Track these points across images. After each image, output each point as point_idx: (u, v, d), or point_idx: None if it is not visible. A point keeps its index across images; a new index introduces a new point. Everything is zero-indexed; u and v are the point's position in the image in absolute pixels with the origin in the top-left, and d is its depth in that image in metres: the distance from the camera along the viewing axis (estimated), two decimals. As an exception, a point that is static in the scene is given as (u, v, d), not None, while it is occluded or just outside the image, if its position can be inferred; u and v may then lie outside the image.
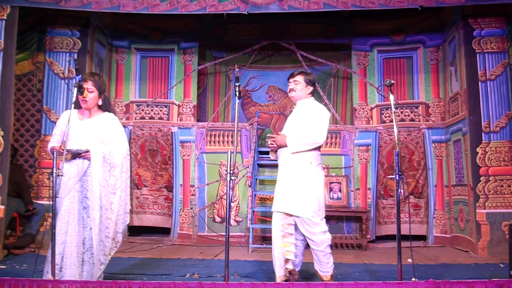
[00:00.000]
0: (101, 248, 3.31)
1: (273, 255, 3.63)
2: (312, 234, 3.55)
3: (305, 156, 3.63)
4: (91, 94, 3.44)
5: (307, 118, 3.69)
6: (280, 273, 3.58)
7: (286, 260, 3.58)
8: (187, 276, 4.07)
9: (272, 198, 3.85)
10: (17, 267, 4.41)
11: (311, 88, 3.82)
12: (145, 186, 6.80)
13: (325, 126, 3.70)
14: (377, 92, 6.60)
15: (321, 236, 3.57)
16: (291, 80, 3.83)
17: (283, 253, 3.57)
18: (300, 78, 3.80)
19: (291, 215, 3.58)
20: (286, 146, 3.62)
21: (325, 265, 3.60)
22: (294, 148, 3.61)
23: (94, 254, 3.27)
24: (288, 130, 3.73)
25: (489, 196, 5.35)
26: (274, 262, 3.62)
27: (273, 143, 3.71)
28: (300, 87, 3.78)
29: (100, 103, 3.52)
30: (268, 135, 3.86)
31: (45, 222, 5.55)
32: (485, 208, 5.33)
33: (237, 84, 3.36)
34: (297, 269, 3.69)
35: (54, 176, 3.05)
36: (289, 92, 3.85)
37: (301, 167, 3.61)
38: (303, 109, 3.77)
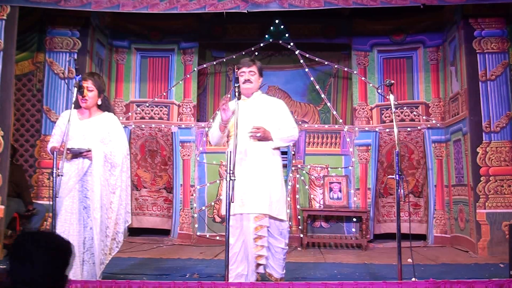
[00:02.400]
0: (101, 248, 3.31)
1: (241, 259, 3.37)
2: (281, 235, 3.45)
3: (278, 154, 3.54)
4: (91, 93, 3.45)
5: (274, 113, 3.50)
6: (252, 279, 3.35)
7: (258, 265, 3.38)
8: (187, 276, 4.06)
9: None
10: (17, 267, 4.41)
11: (261, 79, 3.61)
12: (144, 188, 6.79)
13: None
14: (377, 92, 6.59)
15: (287, 235, 3.52)
16: (245, 70, 3.49)
17: (255, 257, 3.35)
18: (255, 69, 3.52)
19: (266, 216, 3.36)
20: (268, 140, 3.42)
21: (281, 267, 3.48)
22: (276, 144, 3.46)
23: (96, 254, 3.26)
24: (250, 124, 3.41)
25: (489, 196, 5.35)
26: (243, 268, 3.38)
27: (257, 132, 3.38)
28: (255, 78, 3.53)
29: (99, 102, 3.52)
30: (253, 126, 3.41)
31: (45, 222, 5.55)
32: (485, 208, 5.33)
33: (236, 85, 3.26)
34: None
35: (54, 176, 3.05)
36: (244, 83, 3.47)
37: (276, 165, 3.49)
38: (260, 103, 3.56)
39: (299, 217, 6.30)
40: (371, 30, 6.75)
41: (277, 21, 6.69)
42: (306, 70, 6.85)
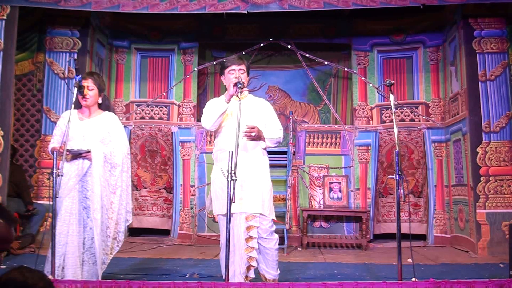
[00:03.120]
0: (102, 248, 3.31)
1: (231, 262, 3.17)
2: (271, 234, 3.40)
3: (266, 154, 3.52)
4: (92, 91, 3.45)
5: (262, 114, 3.47)
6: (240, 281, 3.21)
7: (249, 267, 3.28)
8: (187, 276, 4.06)
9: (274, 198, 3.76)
10: (17, 267, 4.40)
11: (247, 78, 3.53)
12: (144, 188, 6.79)
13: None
14: (377, 92, 6.59)
15: (275, 234, 3.45)
16: (235, 67, 3.38)
17: (247, 259, 3.28)
18: (244, 67, 3.42)
19: (257, 216, 3.31)
20: (261, 139, 3.36)
21: (275, 267, 3.41)
22: (266, 144, 3.43)
23: (97, 254, 3.26)
24: (243, 123, 3.26)
25: (489, 196, 5.35)
26: (231, 270, 3.20)
27: (251, 131, 3.27)
28: (245, 76, 3.43)
29: (100, 101, 3.53)
30: (247, 125, 3.30)
31: (45, 222, 5.55)
32: (485, 208, 5.33)
33: (240, 85, 3.20)
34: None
35: (54, 176, 3.05)
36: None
37: (266, 165, 3.48)
38: (250, 102, 3.49)
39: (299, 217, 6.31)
40: (371, 30, 6.75)
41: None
42: (307, 70, 6.86)
